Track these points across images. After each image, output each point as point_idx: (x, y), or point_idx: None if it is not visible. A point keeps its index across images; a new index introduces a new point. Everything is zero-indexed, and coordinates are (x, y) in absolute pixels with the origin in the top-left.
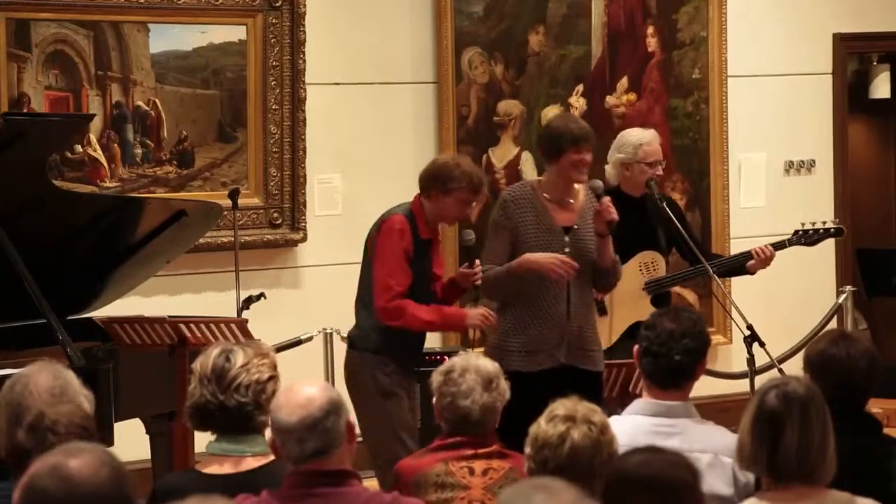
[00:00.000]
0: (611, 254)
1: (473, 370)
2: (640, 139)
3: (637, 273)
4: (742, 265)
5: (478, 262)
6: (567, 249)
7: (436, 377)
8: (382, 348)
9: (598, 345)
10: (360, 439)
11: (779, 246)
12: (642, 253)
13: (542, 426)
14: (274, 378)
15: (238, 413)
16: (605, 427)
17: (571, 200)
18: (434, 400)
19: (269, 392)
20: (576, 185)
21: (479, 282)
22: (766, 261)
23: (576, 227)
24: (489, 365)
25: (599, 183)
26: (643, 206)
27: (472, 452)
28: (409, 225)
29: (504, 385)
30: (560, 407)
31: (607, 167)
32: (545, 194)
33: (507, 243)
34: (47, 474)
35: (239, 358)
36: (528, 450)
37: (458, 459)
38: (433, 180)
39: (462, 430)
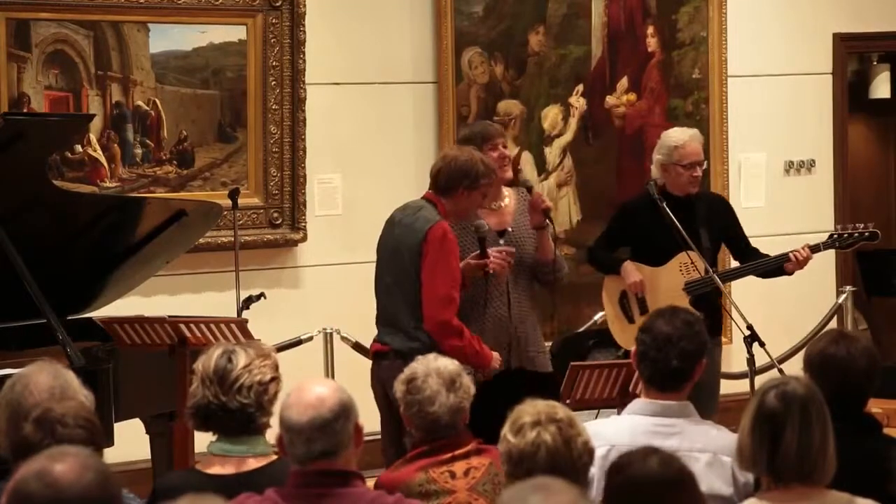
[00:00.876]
0: (551, 246)
1: (434, 373)
2: (676, 141)
3: (677, 273)
4: (780, 267)
5: (490, 252)
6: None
7: (398, 387)
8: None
9: (542, 346)
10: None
11: (814, 249)
12: (683, 253)
13: (512, 440)
14: (276, 379)
15: (240, 414)
16: (571, 420)
17: (501, 204)
18: (401, 410)
19: (270, 393)
20: (504, 190)
21: (490, 270)
22: (803, 262)
23: (510, 229)
24: (449, 364)
25: (527, 176)
26: (689, 206)
27: (449, 455)
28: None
29: (467, 381)
30: (522, 414)
31: (652, 167)
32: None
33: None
34: (33, 479)
35: (241, 359)
36: (505, 467)
37: (437, 465)
38: (463, 178)
39: (434, 436)
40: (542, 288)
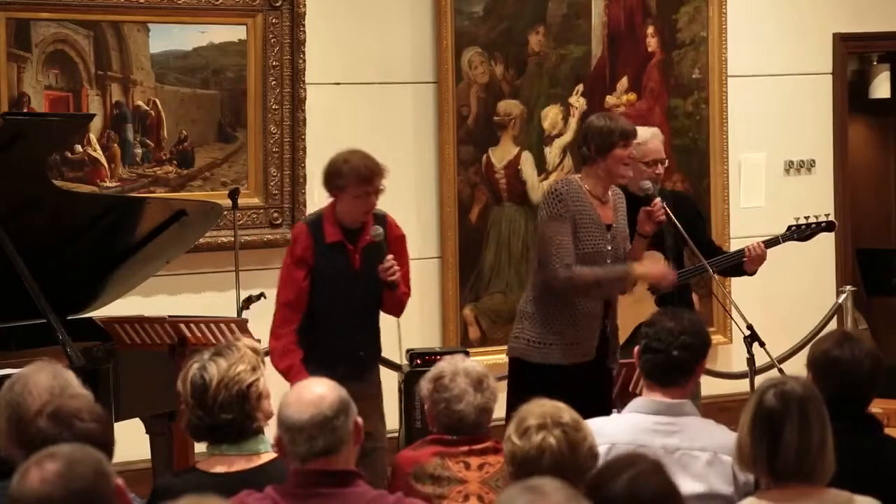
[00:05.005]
0: (642, 255)
1: (463, 373)
2: (638, 138)
3: None
4: (739, 264)
5: (390, 256)
6: (609, 247)
7: (425, 385)
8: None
9: (618, 345)
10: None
11: (772, 242)
12: (645, 253)
13: (518, 443)
14: (255, 381)
15: (228, 427)
16: (577, 423)
17: (609, 197)
18: (426, 407)
19: (253, 398)
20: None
21: (391, 277)
22: (757, 259)
23: (614, 224)
24: (477, 367)
25: (649, 183)
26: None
27: (467, 449)
28: (308, 231)
29: (494, 384)
30: (528, 416)
31: None
32: (588, 191)
33: (571, 235)
34: (24, 481)
35: (213, 373)
36: (508, 468)
37: (453, 455)
38: (327, 181)
39: (458, 433)
40: None
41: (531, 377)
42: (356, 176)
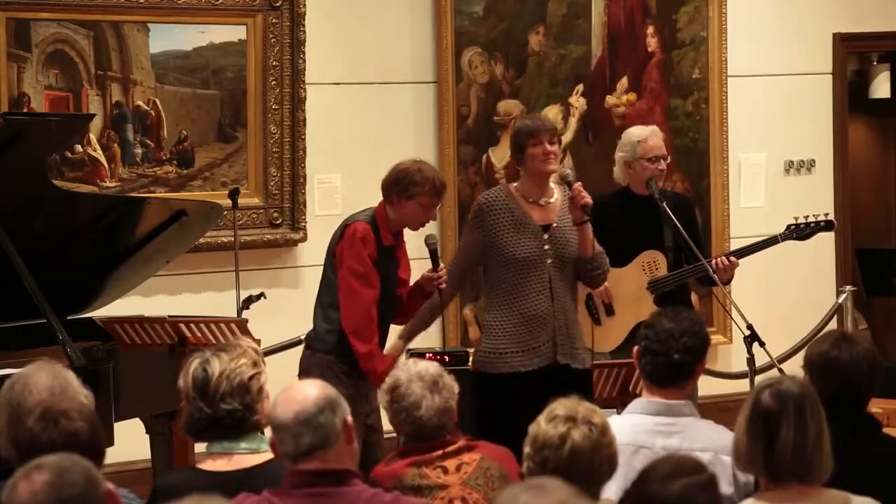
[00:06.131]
0: (592, 243)
1: (416, 378)
2: (638, 136)
3: (640, 273)
4: (706, 278)
5: (441, 266)
6: (546, 247)
7: (382, 396)
8: (336, 350)
9: (583, 342)
10: None
11: (771, 241)
12: (645, 252)
13: (543, 426)
14: (257, 374)
15: (229, 419)
16: (605, 428)
17: (550, 200)
18: (389, 418)
19: (254, 390)
20: (552, 186)
21: (443, 285)
22: (727, 270)
23: (555, 225)
24: (429, 367)
25: (567, 171)
26: (651, 205)
27: (441, 453)
28: (371, 232)
29: (450, 380)
30: (560, 407)
31: (615, 168)
32: (522, 196)
33: (476, 247)
34: (20, 491)
35: (216, 366)
36: (527, 449)
37: (428, 463)
38: (395, 185)
39: (424, 439)
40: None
41: (493, 389)
42: (431, 186)
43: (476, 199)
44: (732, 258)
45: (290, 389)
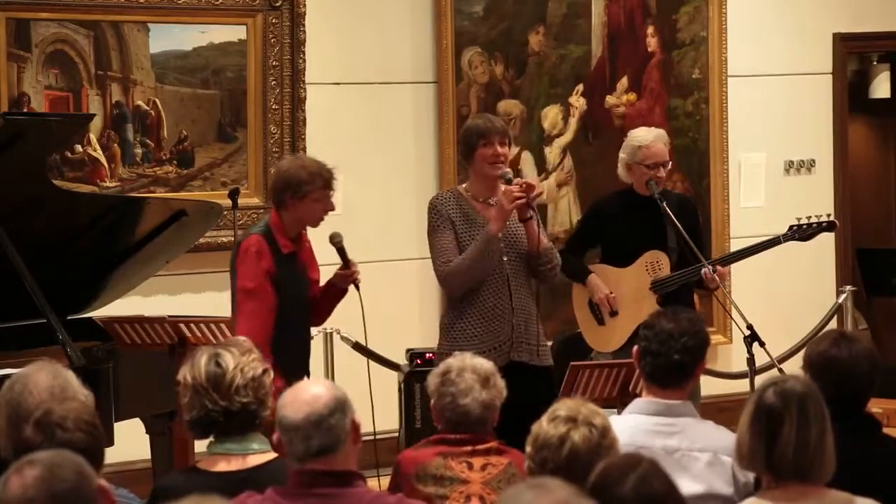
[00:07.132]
0: (538, 237)
1: (470, 369)
2: (640, 141)
3: (643, 273)
4: (699, 282)
5: (353, 261)
6: (501, 244)
7: (432, 379)
8: None
9: (543, 339)
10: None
11: (774, 242)
12: (648, 253)
13: (544, 426)
14: (267, 371)
15: (243, 413)
16: (606, 430)
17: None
18: (432, 402)
19: (266, 386)
20: (501, 186)
21: (359, 280)
22: (712, 280)
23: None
24: (484, 363)
25: (508, 170)
26: (654, 205)
27: (470, 449)
28: (266, 244)
29: (500, 382)
30: (563, 407)
31: (618, 166)
32: (472, 196)
33: (452, 237)
34: (11, 486)
35: (229, 360)
36: (528, 448)
37: (456, 455)
38: (285, 190)
39: (463, 429)
40: (538, 284)
41: None
42: (321, 179)
43: (429, 202)
44: (720, 267)
45: (299, 390)
